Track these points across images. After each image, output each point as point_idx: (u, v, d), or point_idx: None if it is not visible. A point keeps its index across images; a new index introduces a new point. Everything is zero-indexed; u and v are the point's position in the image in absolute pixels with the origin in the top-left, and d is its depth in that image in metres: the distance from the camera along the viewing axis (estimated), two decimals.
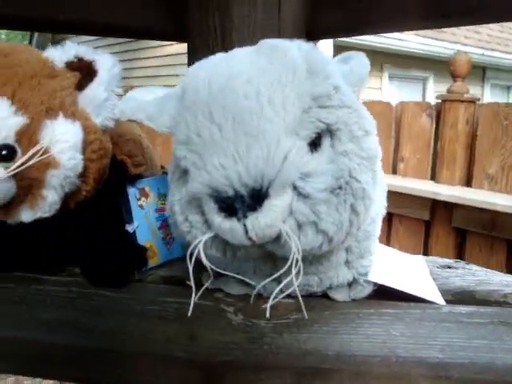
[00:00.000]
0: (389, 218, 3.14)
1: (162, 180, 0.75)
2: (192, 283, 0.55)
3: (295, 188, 0.48)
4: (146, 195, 0.74)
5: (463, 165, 2.87)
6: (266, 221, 0.47)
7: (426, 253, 2.97)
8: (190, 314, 0.57)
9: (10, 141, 0.56)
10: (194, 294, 0.56)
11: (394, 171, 3.21)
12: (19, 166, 0.56)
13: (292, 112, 0.48)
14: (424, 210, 2.92)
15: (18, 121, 0.56)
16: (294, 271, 0.50)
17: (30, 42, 8.51)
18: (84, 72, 0.62)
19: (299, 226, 0.49)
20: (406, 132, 3.12)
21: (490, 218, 2.58)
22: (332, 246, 0.51)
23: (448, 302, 0.66)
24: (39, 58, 0.62)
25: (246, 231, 0.47)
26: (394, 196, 2.99)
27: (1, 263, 0.68)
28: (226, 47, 0.95)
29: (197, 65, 0.54)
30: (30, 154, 0.56)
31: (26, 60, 0.60)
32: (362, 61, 0.57)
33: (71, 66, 0.63)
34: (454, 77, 2.97)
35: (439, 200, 2.79)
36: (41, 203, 0.58)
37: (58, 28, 1.08)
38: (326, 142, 0.50)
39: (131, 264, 0.69)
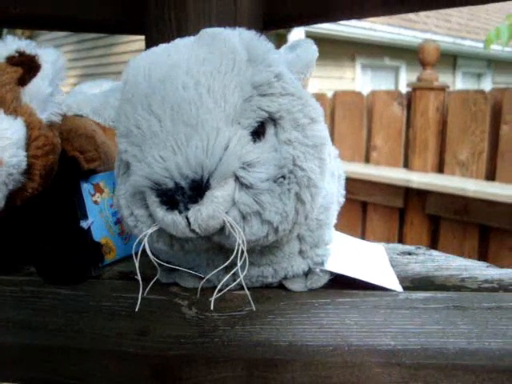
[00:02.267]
0: (363, 207, 3.16)
1: None
2: (139, 277, 0.54)
3: (237, 178, 0.48)
4: (101, 190, 0.72)
5: (435, 152, 2.89)
6: (208, 212, 0.46)
7: (400, 240, 3.00)
8: (137, 309, 0.56)
9: None
10: (140, 288, 0.56)
11: (367, 160, 3.22)
12: None
13: (232, 101, 0.47)
14: (398, 197, 2.95)
15: None
16: (239, 262, 0.49)
17: None
18: (26, 66, 0.61)
19: (243, 216, 0.48)
20: (377, 121, 3.14)
21: (462, 204, 2.61)
22: (279, 236, 0.51)
23: (406, 288, 0.66)
24: None
25: (189, 223, 0.47)
26: (367, 185, 3.01)
27: None
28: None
29: (138, 56, 0.53)
30: None
31: None
32: (308, 48, 0.56)
33: (12, 60, 0.61)
34: (424, 65, 2.99)
35: (412, 187, 2.81)
36: None
37: (11, 23, 1.05)
38: (269, 130, 0.50)
39: (87, 261, 0.68)
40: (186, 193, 0.46)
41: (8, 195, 0.59)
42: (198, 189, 0.46)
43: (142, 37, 1.04)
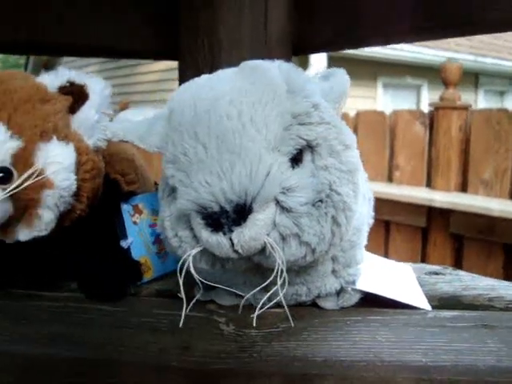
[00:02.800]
0: (386, 226, 3.17)
1: (155, 196, 0.77)
2: (183, 295, 0.57)
3: (278, 202, 0.51)
4: (140, 212, 0.76)
5: (458, 171, 2.89)
6: (251, 234, 0.49)
7: (423, 260, 2.99)
8: (181, 325, 0.59)
9: (7, 164, 0.58)
10: (184, 306, 0.59)
11: (390, 179, 3.23)
12: (15, 188, 0.58)
13: (273, 130, 0.50)
14: (420, 217, 2.95)
15: (14, 145, 0.58)
16: (279, 281, 0.52)
17: (27, 64, 8.60)
18: (76, 96, 0.65)
19: (283, 238, 0.51)
20: (400, 140, 3.15)
21: (486, 223, 2.61)
22: (316, 257, 0.54)
23: (434, 307, 0.68)
24: (33, 84, 0.64)
25: (232, 244, 0.50)
26: (390, 204, 3.02)
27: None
28: (214, 65, 0.99)
29: (182, 87, 0.56)
30: (25, 175, 0.58)
31: (21, 86, 0.62)
32: (342, 78, 0.59)
33: (64, 90, 0.65)
34: (446, 84, 3.01)
35: (435, 207, 2.81)
36: (37, 222, 0.61)
37: (52, 51, 1.11)
38: (307, 157, 0.53)
39: (126, 279, 0.71)
40: (230, 216, 0.49)
41: (59, 216, 0.63)
42: (241, 212, 0.49)
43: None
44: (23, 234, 0.61)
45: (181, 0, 1.04)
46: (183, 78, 1.06)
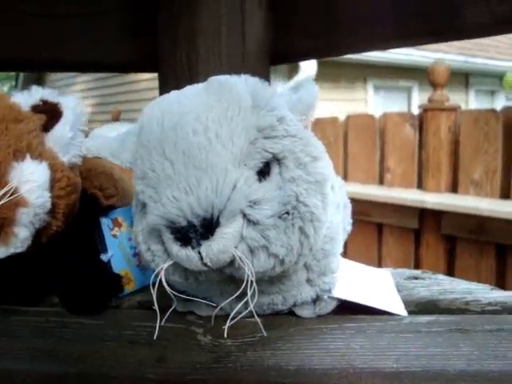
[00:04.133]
0: (379, 229, 3.18)
1: None
2: (156, 308, 0.58)
3: (245, 215, 0.52)
4: (120, 225, 0.77)
5: (448, 172, 2.91)
6: (219, 247, 0.50)
7: (417, 261, 3.01)
8: (155, 337, 0.60)
9: None
10: (158, 319, 0.59)
11: (381, 182, 3.25)
12: None
13: (239, 144, 0.51)
14: (412, 218, 2.96)
15: None
16: (249, 292, 0.53)
17: (17, 76, 8.65)
18: (49, 114, 0.66)
19: (251, 250, 0.52)
20: (390, 143, 3.17)
21: (477, 223, 2.62)
22: (285, 267, 0.55)
23: (411, 312, 0.69)
24: (6, 104, 0.65)
25: (201, 258, 0.51)
26: (382, 206, 3.04)
27: None
28: (192, 77, 1.00)
29: (152, 103, 0.57)
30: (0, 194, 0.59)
31: None
32: (310, 89, 0.60)
33: (37, 109, 0.66)
34: (435, 86, 3.03)
35: (427, 208, 2.83)
36: (13, 240, 0.62)
37: (37, 68, 1.13)
38: (274, 169, 0.54)
39: (107, 292, 0.72)
40: (198, 230, 0.50)
41: (34, 233, 0.64)
42: (208, 226, 0.50)
43: None
44: (0, 252, 0.62)
45: (159, 13, 1.05)
46: (163, 90, 1.07)
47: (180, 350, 0.60)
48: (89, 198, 0.72)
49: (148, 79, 6.66)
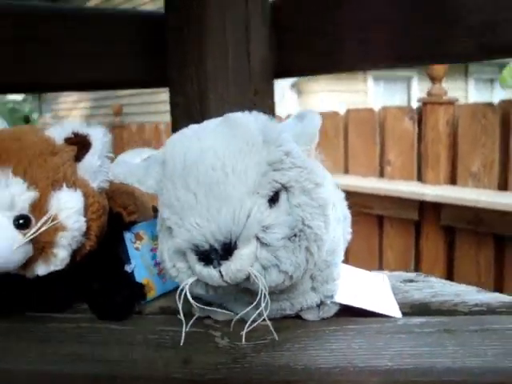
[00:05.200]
0: (379, 221, 3.26)
1: (154, 223, 0.87)
2: (182, 318, 0.66)
3: (258, 239, 0.60)
4: (141, 238, 0.85)
5: (447, 164, 2.98)
6: (236, 267, 0.59)
7: (417, 252, 3.08)
8: (182, 343, 0.68)
9: (25, 212, 0.68)
10: (184, 326, 0.68)
11: (381, 174, 3.32)
12: (34, 233, 0.67)
13: (252, 177, 0.59)
14: (412, 210, 3.03)
15: (31, 195, 0.67)
16: (263, 304, 0.61)
17: None
18: (80, 145, 0.74)
19: (264, 268, 0.61)
20: (390, 136, 3.23)
21: (475, 215, 2.69)
22: (293, 282, 0.63)
23: (406, 314, 0.77)
24: (43, 138, 0.73)
25: (221, 275, 0.59)
26: (382, 199, 3.11)
27: (21, 305, 0.79)
28: (202, 94, 1.08)
29: (173, 139, 0.65)
30: (42, 221, 0.68)
31: (33, 142, 0.71)
32: (312, 121, 0.68)
33: (69, 141, 0.74)
34: (433, 79, 3.09)
35: (426, 200, 2.90)
36: (53, 260, 0.70)
37: (52, 89, 1.21)
38: (283, 196, 0.62)
39: (132, 299, 0.80)
40: (218, 252, 0.58)
41: (72, 253, 0.72)
42: (227, 249, 0.58)
43: None
44: (41, 270, 0.71)
45: (168, 32, 1.13)
46: (174, 104, 1.15)
47: (202, 352, 0.68)
48: (114, 216, 0.80)
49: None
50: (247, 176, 0.59)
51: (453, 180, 2.96)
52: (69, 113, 9.60)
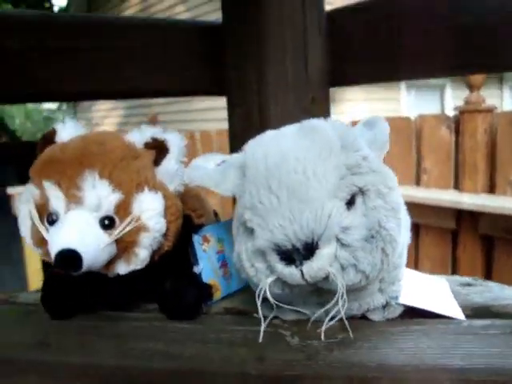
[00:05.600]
0: (416, 230, 3.25)
1: (220, 227, 0.90)
2: (261, 315, 0.69)
3: (338, 239, 0.63)
4: (208, 240, 0.88)
5: (485, 173, 2.96)
6: (318, 266, 0.62)
7: (454, 261, 3.06)
8: (260, 340, 0.71)
9: (111, 213, 0.72)
10: (262, 324, 0.71)
11: (418, 183, 3.31)
12: (119, 233, 0.71)
13: (331, 180, 0.62)
14: (450, 219, 3.02)
15: (116, 197, 0.71)
16: (340, 302, 0.64)
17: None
18: (159, 150, 0.78)
19: (343, 268, 0.63)
20: (426, 144, 3.23)
21: None
22: (369, 281, 0.66)
23: (468, 316, 0.78)
24: (125, 143, 0.77)
25: (302, 275, 0.62)
26: (419, 207, 3.09)
27: (100, 304, 0.83)
28: (261, 102, 1.11)
29: (253, 144, 0.69)
30: (126, 222, 0.71)
31: (117, 146, 0.75)
32: (383, 127, 0.71)
33: (148, 145, 0.78)
34: (471, 87, 3.08)
35: (464, 209, 2.89)
36: (134, 259, 0.74)
37: (113, 96, 1.27)
38: (359, 199, 0.65)
39: (201, 299, 0.83)
40: (300, 252, 0.61)
41: (151, 253, 0.76)
42: (309, 249, 0.61)
43: None
44: (122, 269, 0.74)
45: (226, 41, 1.17)
46: (232, 113, 1.18)
47: (275, 350, 0.71)
48: (184, 218, 0.84)
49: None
50: (327, 179, 0.62)
51: (491, 189, 2.94)
52: (102, 121, 9.75)
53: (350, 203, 0.64)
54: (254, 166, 0.66)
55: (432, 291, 0.86)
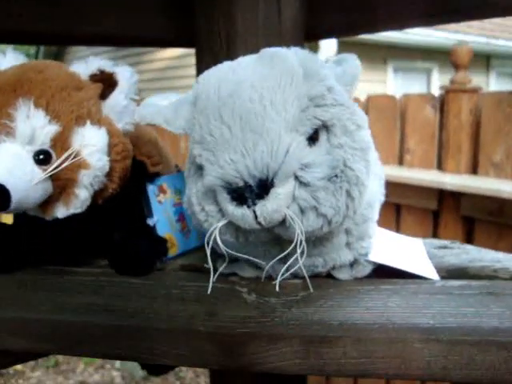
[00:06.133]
0: (397, 209, 3.20)
1: (178, 177, 0.83)
2: (210, 265, 0.62)
3: (297, 177, 0.56)
4: (164, 191, 0.81)
5: (468, 154, 2.91)
6: (273, 207, 0.54)
7: None
8: (209, 291, 0.64)
9: (46, 146, 0.64)
10: (212, 274, 0.64)
11: (401, 162, 3.26)
12: (55, 168, 0.63)
13: (291, 111, 0.55)
14: (431, 199, 2.98)
15: (53, 129, 0.63)
16: (298, 250, 0.57)
17: (37, 53, 8.71)
18: (106, 83, 0.70)
19: (301, 210, 0.56)
20: (410, 124, 3.17)
21: (496, 206, 2.63)
22: (332, 228, 0.58)
23: (442, 278, 0.72)
24: (67, 73, 0.69)
25: (256, 217, 0.55)
26: (401, 187, 3.05)
27: (37, 257, 0.75)
28: (230, 52, 1.03)
29: (206, 73, 0.61)
30: (63, 157, 0.64)
31: (57, 75, 0.67)
32: (353, 62, 0.63)
33: (95, 78, 0.70)
34: (456, 67, 3.02)
35: (446, 189, 2.84)
36: (74, 201, 0.66)
37: (75, 41, 1.17)
38: (322, 136, 0.58)
39: (154, 253, 0.76)
40: (253, 190, 0.54)
41: (93, 195, 0.68)
42: (263, 187, 0.54)
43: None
44: (61, 212, 0.67)
45: None
46: (200, 64, 1.10)
47: (228, 306, 0.64)
48: (137, 164, 0.76)
49: (167, 58, 6.68)
50: (286, 110, 0.55)
51: (474, 170, 2.90)
52: None
53: (313, 139, 0.57)
54: (205, 95, 0.58)
55: (406, 251, 0.79)
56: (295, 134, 0.55)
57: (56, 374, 3.52)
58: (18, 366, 3.56)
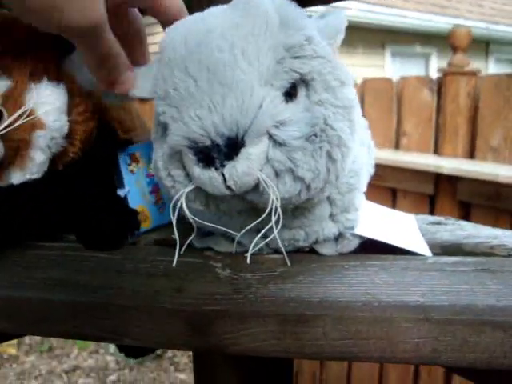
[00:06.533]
0: (393, 194, 3.15)
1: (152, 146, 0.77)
2: (176, 236, 0.56)
3: (271, 136, 0.50)
4: (137, 160, 0.75)
5: (466, 137, 2.86)
6: (243, 168, 0.48)
7: None
8: (174, 264, 0.59)
9: None
10: (178, 246, 0.58)
11: (397, 146, 3.21)
12: (6, 127, 0.57)
13: (265, 63, 0.49)
14: (428, 184, 2.92)
15: (3, 84, 0.57)
16: (273, 219, 0.51)
17: None
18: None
19: (276, 173, 0.50)
20: (407, 107, 3.12)
21: (494, 190, 2.58)
22: (311, 194, 0.53)
23: (435, 254, 0.67)
24: (24, 25, 0.63)
25: (225, 180, 0.49)
26: (397, 171, 3.00)
27: None
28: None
29: (174, 25, 0.55)
30: (15, 115, 0.58)
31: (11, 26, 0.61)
32: (338, 15, 0.57)
33: None
34: (455, 50, 2.96)
35: (443, 174, 2.79)
36: (29, 164, 0.60)
37: None
38: (301, 92, 0.52)
39: (124, 226, 0.70)
40: (221, 150, 0.48)
41: (51, 158, 0.62)
42: (233, 146, 0.48)
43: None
44: (16, 177, 0.61)
45: None
46: None
47: (198, 282, 0.58)
48: (106, 129, 0.70)
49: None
50: (260, 61, 0.49)
51: (471, 154, 2.85)
52: None
53: (290, 95, 0.51)
54: (171, 47, 0.52)
55: (396, 226, 0.74)
56: (270, 88, 0.49)
57: (50, 359, 3.49)
58: (12, 351, 3.54)
